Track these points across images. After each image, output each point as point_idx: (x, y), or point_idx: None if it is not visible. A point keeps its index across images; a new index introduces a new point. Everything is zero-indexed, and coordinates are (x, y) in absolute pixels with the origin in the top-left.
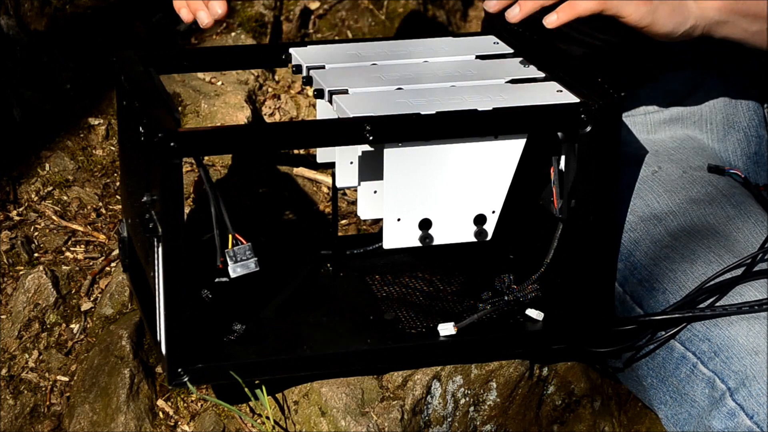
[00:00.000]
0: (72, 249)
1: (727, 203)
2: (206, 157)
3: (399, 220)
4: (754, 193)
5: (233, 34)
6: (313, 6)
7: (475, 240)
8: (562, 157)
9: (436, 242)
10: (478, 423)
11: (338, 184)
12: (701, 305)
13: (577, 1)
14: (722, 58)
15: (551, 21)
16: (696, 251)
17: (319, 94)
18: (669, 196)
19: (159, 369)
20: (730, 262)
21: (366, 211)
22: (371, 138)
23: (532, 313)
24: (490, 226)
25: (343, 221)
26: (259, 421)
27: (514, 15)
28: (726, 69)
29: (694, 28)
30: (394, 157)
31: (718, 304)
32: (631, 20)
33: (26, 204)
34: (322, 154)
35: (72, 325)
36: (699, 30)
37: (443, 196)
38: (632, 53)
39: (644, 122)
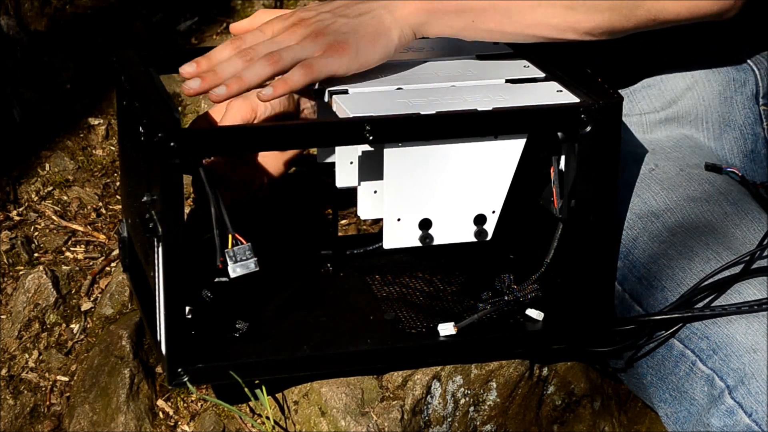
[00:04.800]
0: (72, 249)
1: (725, 200)
2: None
3: (399, 220)
4: (751, 191)
5: None
6: None
7: (475, 240)
8: (562, 157)
9: (436, 242)
10: (478, 423)
11: (338, 184)
12: (700, 304)
13: (288, 75)
14: (717, 56)
15: (266, 94)
16: (694, 248)
17: (319, 94)
18: (666, 194)
19: (159, 369)
20: (729, 260)
21: (366, 211)
22: (371, 138)
23: (532, 313)
24: (490, 226)
25: (343, 221)
26: (259, 421)
27: (219, 95)
28: (720, 67)
29: (403, 38)
30: (394, 157)
31: (717, 302)
32: (342, 73)
33: (26, 204)
34: (322, 154)
35: (72, 325)
36: (409, 37)
37: (443, 196)
38: (626, 54)
39: (640, 122)
